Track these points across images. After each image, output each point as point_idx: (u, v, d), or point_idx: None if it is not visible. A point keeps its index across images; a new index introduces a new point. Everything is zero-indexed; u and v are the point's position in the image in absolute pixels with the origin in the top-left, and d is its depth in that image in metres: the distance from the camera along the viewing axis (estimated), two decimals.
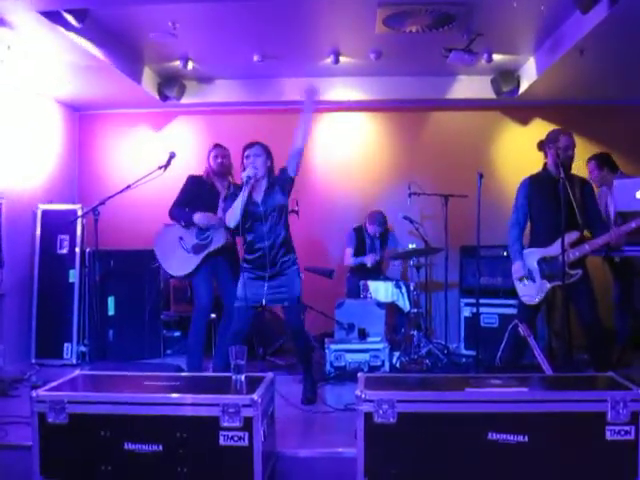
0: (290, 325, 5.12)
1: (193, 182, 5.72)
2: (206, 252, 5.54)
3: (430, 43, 6.28)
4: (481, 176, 5.22)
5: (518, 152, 7.59)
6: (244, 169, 4.79)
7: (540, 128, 7.49)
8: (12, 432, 4.02)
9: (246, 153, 4.88)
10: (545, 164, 5.21)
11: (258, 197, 4.87)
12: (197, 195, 5.64)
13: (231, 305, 5.50)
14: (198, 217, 5.49)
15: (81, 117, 8.28)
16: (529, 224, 5.31)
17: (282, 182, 4.92)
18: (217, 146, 5.79)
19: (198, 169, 5.85)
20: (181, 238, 5.60)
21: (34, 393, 3.26)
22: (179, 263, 5.58)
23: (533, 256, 5.14)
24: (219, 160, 5.69)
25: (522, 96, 7.37)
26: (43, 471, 3.22)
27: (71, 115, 8.15)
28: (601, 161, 6.33)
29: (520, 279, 5.19)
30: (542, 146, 5.14)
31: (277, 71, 7.40)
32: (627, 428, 3.09)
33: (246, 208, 4.73)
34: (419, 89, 7.61)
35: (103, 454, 3.20)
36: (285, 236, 4.94)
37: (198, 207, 5.56)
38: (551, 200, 4.94)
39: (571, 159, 5.05)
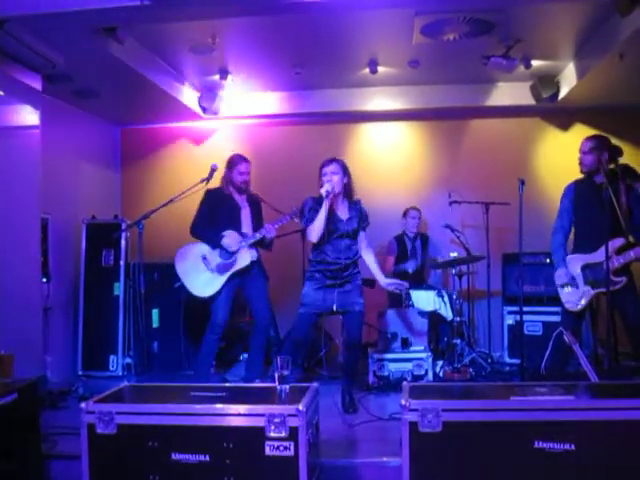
0: (352, 334, 5.17)
1: (213, 197, 5.64)
2: (231, 272, 5.50)
3: (468, 51, 6.27)
4: (522, 183, 5.19)
5: (559, 158, 7.52)
6: (321, 185, 4.97)
7: (581, 133, 7.38)
8: (61, 442, 4.08)
9: (323, 170, 5.07)
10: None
11: (342, 215, 5.09)
12: (218, 210, 5.60)
13: (262, 319, 5.64)
14: (227, 241, 5.46)
15: (123, 132, 8.42)
16: (574, 230, 5.26)
17: (361, 218, 5.19)
18: (245, 161, 5.69)
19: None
20: (204, 257, 5.55)
21: (84, 404, 3.31)
22: (203, 283, 5.53)
23: (576, 262, 5.09)
24: (245, 177, 5.64)
25: (562, 101, 7.30)
26: None
27: (113, 130, 8.29)
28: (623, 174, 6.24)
29: (563, 286, 5.14)
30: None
31: (315, 83, 7.46)
32: None
33: (329, 223, 4.97)
34: (458, 97, 7.60)
35: (151, 464, 3.23)
36: (358, 254, 5.16)
37: (220, 223, 5.54)
38: (596, 206, 4.88)
39: (595, 163, 4.99)
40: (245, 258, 5.49)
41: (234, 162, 5.66)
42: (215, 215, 5.60)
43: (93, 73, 6.09)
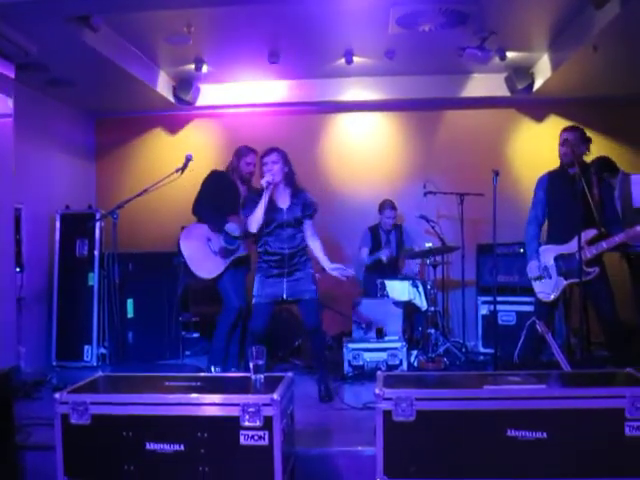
0: (308, 322, 5.18)
1: (218, 178, 5.70)
2: (233, 257, 5.56)
3: (443, 42, 6.28)
4: (497, 174, 5.21)
5: (534, 149, 7.59)
6: (262, 176, 4.97)
7: (556, 124, 7.46)
8: (36, 433, 4.06)
9: (263, 160, 5.05)
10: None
11: (283, 204, 5.06)
12: (222, 193, 5.63)
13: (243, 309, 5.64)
14: (232, 227, 5.49)
15: (98, 121, 8.35)
16: (546, 221, 5.31)
17: (305, 207, 5.09)
18: (253, 152, 5.71)
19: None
20: (209, 239, 5.58)
21: (57, 395, 3.30)
22: (207, 265, 5.56)
23: (550, 253, 5.14)
24: (252, 168, 5.69)
25: (537, 93, 7.35)
26: (67, 471, 3.26)
27: (88, 119, 8.23)
28: (600, 167, 6.32)
29: (535, 279, 5.19)
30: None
31: (291, 73, 7.44)
32: None
33: (269, 213, 4.94)
34: (433, 88, 7.62)
35: (126, 454, 3.23)
36: (304, 243, 5.13)
37: (222, 207, 5.57)
38: (569, 197, 4.92)
39: (565, 157, 5.05)
40: (246, 247, 5.58)
41: (242, 152, 5.71)
42: (218, 198, 5.62)
43: (67, 62, 6.02)
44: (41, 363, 6.62)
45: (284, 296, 5.07)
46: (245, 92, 7.85)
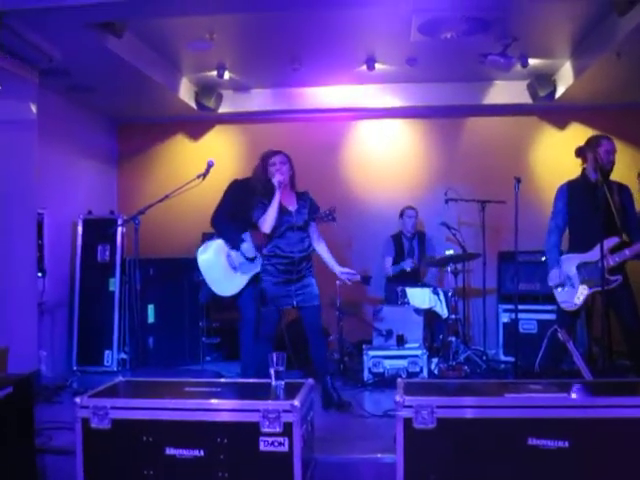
0: (314, 326, 5.13)
1: (238, 188, 5.58)
2: (253, 272, 5.42)
3: (466, 49, 6.26)
4: (518, 181, 5.18)
5: (556, 156, 7.53)
6: (271, 176, 4.98)
7: (578, 132, 7.44)
8: (56, 437, 4.08)
9: (272, 160, 5.05)
10: (584, 169, 5.15)
11: (291, 206, 5.07)
12: (242, 203, 5.40)
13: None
14: (246, 247, 5.43)
15: (120, 127, 8.41)
16: (568, 229, 5.27)
17: (312, 209, 5.14)
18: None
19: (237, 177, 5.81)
20: (229, 255, 5.52)
21: (78, 399, 3.31)
22: (225, 281, 5.49)
23: (572, 262, 5.10)
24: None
25: (559, 100, 7.31)
26: (86, 476, 3.26)
27: (110, 125, 8.29)
28: None
29: (556, 287, 5.15)
30: (581, 152, 5.03)
31: (313, 79, 7.45)
32: None
33: (279, 216, 4.94)
34: (455, 95, 7.61)
35: (145, 459, 3.23)
36: (311, 247, 5.14)
37: (243, 217, 5.39)
38: (590, 205, 4.88)
39: (613, 164, 5.02)
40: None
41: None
42: (238, 209, 5.47)
43: (90, 68, 6.07)
44: (62, 368, 6.66)
45: (294, 303, 5.04)
46: (267, 99, 7.88)
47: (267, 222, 4.92)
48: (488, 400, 3.21)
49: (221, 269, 5.51)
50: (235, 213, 5.54)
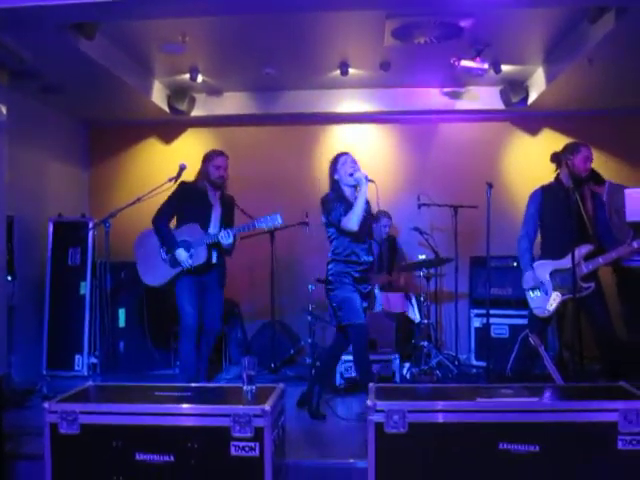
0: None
1: (184, 190, 5.47)
2: (181, 269, 5.35)
3: (439, 54, 6.29)
4: (490, 186, 5.21)
5: (528, 162, 7.59)
6: (338, 178, 4.95)
7: (550, 138, 7.51)
8: (26, 443, 4.03)
9: (342, 159, 4.99)
10: (557, 175, 5.19)
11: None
12: (188, 204, 5.44)
13: (212, 328, 5.52)
14: (181, 255, 5.29)
15: (92, 130, 8.34)
16: (540, 236, 5.30)
17: (368, 214, 5.02)
18: (222, 155, 5.51)
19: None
20: (161, 246, 5.45)
21: (46, 404, 3.27)
22: (154, 272, 5.45)
23: (545, 268, 5.13)
24: (221, 172, 5.45)
25: (531, 106, 7.37)
26: None
27: (82, 128, 8.21)
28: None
29: (530, 289, 5.18)
30: (556, 157, 5.07)
31: (286, 83, 7.45)
32: (639, 438, 3.08)
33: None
34: (428, 100, 7.63)
35: (115, 464, 3.21)
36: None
37: (189, 218, 5.41)
38: (563, 212, 4.91)
39: (588, 171, 5.06)
40: (200, 257, 5.30)
41: (210, 156, 5.51)
42: (184, 209, 5.46)
43: (62, 70, 6.01)
44: (32, 372, 6.56)
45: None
46: (240, 102, 7.85)
47: (353, 219, 4.65)
48: (459, 404, 3.23)
49: (152, 260, 5.47)
50: (178, 214, 5.50)
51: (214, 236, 5.29)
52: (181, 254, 5.30)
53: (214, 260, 5.43)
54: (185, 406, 3.24)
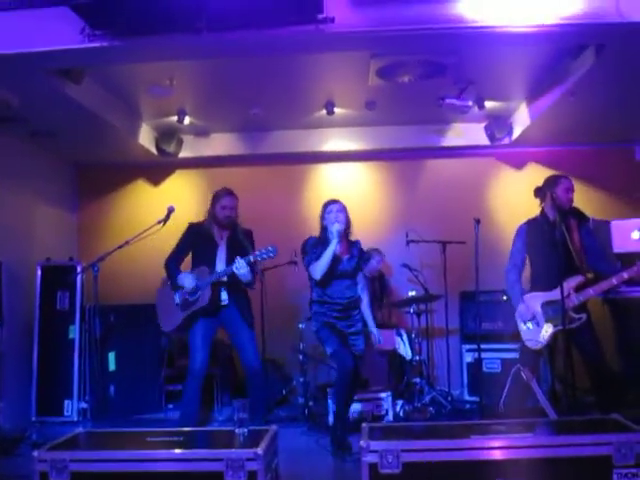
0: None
1: (192, 231, 5.54)
2: (190, 311, 5.31)
3: (423, 92, 6.36)
4: (478, 222, 5.24)
5: (514, 197, 7.63)
6: (325, 225, 5.14)
7: (535, 172, 7.57)
8: None
9: (329, 208, 5.20)
10: (542, 209, 5.23)
11: (342, 254, 5.16)
12: (196, 246, 5.50)
13: (249, 366, 5.42)
14: (184, 278, 5.30)
15: (80, 172, 8.34)
16: (529, 269, 5.32)
17: (362, 258, 5.33)
18: (229, 194, 5.50)
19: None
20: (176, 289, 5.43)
21: (36, 452, 3.23)
22: (168, 316, 5.43)
23: (536, 300, 5.14)
24: (227, 212, 5.44)
25: (516, 141, 7.46)
26: None
27: (71, 170, 8.22)
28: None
29: (527, 322, 5.17)
30: (539, 191, 5.11)
31: (273, 123, 7.51)
32: (634, 471, 3.07)
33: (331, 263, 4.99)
34: (414, 138, 7.71)
35: None
36: (357, 294, 5.23)
37: (196, 259, 5.45)
38: (550, 244, 4.94)
39: (571, 202, 5.10)
40: (204, 299, 5.27)
41: (218, 196, 5.50)
42: (194, 251, 5.51)
43: (49, 114, 6.04)
44: (21, 419, 6.48)
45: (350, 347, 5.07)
46: (228, 143, 7.90)
47: (318, 269, 4.98)
48: (454, 443, 3.21)
49: (167, 305, 5.45)
50: (192, 257, 5.52)
51: (218, 274, 5.27)
52: (184, 278, 5.31)
53: (224, 301, 5.40)
54: (177, 451, 3.21)
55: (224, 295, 5.40)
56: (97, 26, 4.29)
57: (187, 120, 7.02)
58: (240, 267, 5.12)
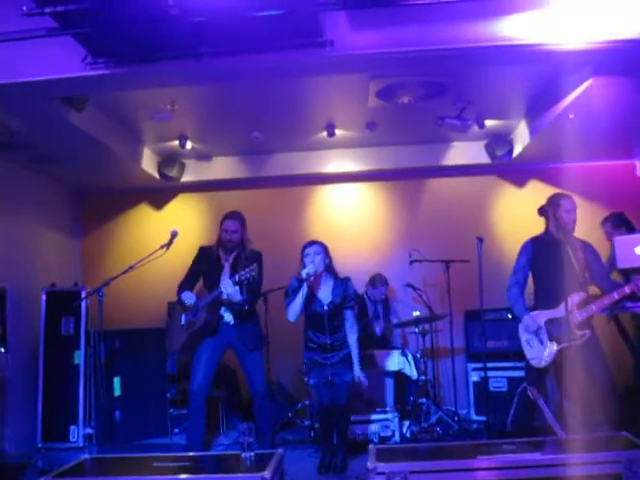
0: (338, 402, 5.21)
1: (201, 254, 5.67)
2: (192, 330, 5.38)
3: (423, 112, 6.40)
4: (481, 240, 5.25)
5: (516, 214, 7.65)
6: (303, 266, 5.09)
7: (536, 189, 7.58)
8: None
9: (305, 251, 5.19)
10: (547, 227, 5.23)
11: (323, 295, 5.21)
12: (204, 269, 5.60)
13: (253, 390, 5.51)
14: (186, 295, 5.40)
15: (84, 198, 8.38)
16: (534, 286, 5.31)
17: (346, 299, 5.27)
18: (229, 218, 5.58)
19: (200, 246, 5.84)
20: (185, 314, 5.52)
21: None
22: (174, 338, 5.51)
23: (540, 318, 5.12)
24: (228, 236, 5.51)
25: (517, 159, 7.47)
26: None
27: (74, 196, 8.26)
28: (618, 221, 6.44)
29: (534, 332, 5.13)
30: (543, 210, 5.16)
31: (274, 146, 7.55)
32: None
33: (310, 304, 5.12)
34: (414, 158, 7.74)
35: None
36: (342, 333, 5.28)
37: (205, 282, 5.55)
38: (554, 262, 4.94)
39: (574, 222, 5.10)
40: (201, 319, 5.35)
41: (222, 219, 5.61)
42: (203, 273, 5.61)
43: (52, 141, 6.07)
44: (26, 445, 6.46)
45: (330, 379, 5.14)
46: (229, 166, 7.93)
47: (291, 312, 5.11)
48: (461, 463, 3.20)
49: (175, 328, 5.53)
50: (199, 279, 5.61)
51: (211, 295, 5.32)
52: (185, 295, 5.40)
53: (230, 321, 5.45)
54: (184, 477, 3.20)
55: (228, 316, 5.45)
56: (99, 54, 4.32)
57: (189, 144, 7.07)
58: (227, 286, 5.20)
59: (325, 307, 5.13)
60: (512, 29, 4.39)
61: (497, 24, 4.39)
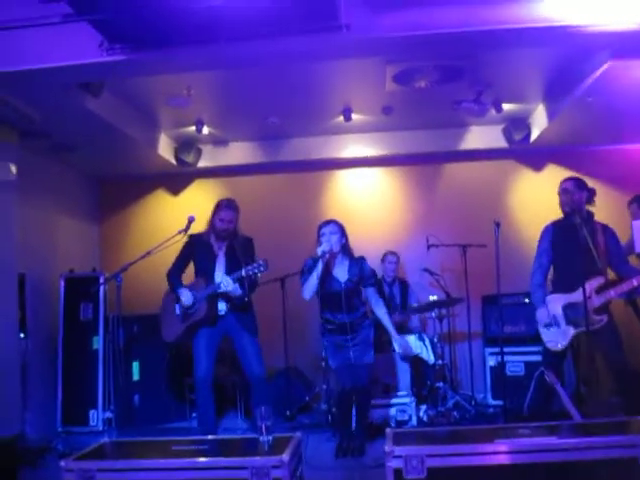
0: (358, 383, 5.22)
1: (192, 242, 5.54)
2: (189, 322, 5.36)
3: (440, 96, 6.37)
4: (498, 225, 5.23)
5: (533, 198, 7.62)
6: (320, 244, 5.09)
7: (555, 173, 7.51)
8: None
9: (321, 231, 5.20)
10: (564, 211, 5.22)
11: (340, 275, 5.22)
12: (196, 256, 5.54)
13: (250, 374, 5.48)
14: (185, 295, 5.32)
15: (101, 184, 8.43)
16: (552, 270, 5.30)
17: (363, 278, 5.28)
18: (228, 208, 5.51)
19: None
20: (177, 302, 5.47)
21: (63, 462, 3.26)
22: (169, 327, 5.47)
23: (557, 302, 5.11)
24: (224, 225, 5.45)
25: (534, 143, 7.42)
26: None
27: (92, 183, 8.30)
28: None
29: (546, 325, 5.15)
30: (558, 195, 5.18)
31: (291, 131, 7.54)
32: None
33: (327, 283, 5.17)
34: (432, 142, 7.71)
35: None
36: (363, 310, 5.36)
37: (197, 270, 5.51)
38: (573, 246, 4.92)
39: (575, 202, 5.05)
40: (201, 311, 5.32)
41: (218, 207, 5.53)
42: (194, 262, 5.56)
43: (69, 128, 6.11)
44: (46, 429, 6.53)
45: (352, 361, 5.18)
46: (246, 152, 7.94)
47: (306, 290, 5.14)
48: (478, 447, 3.20)
49: (170, 317, 5.49)
50: (189, 266, 5.59)
51: (209, 289, 5.29)
52: (183, 294, 5.34)
53: (221, 311, 5.41)
54: (202, 460, 3.22)
55: (222, 306, 5.41)
56: (115, 40, 4.34)
57: (205, 130, 7.08)
58: (227, 285, 5.20)
59: (342, 285, 5.16)
60: (539, 10, 4.34)
61: (518, 6, 4.36)
